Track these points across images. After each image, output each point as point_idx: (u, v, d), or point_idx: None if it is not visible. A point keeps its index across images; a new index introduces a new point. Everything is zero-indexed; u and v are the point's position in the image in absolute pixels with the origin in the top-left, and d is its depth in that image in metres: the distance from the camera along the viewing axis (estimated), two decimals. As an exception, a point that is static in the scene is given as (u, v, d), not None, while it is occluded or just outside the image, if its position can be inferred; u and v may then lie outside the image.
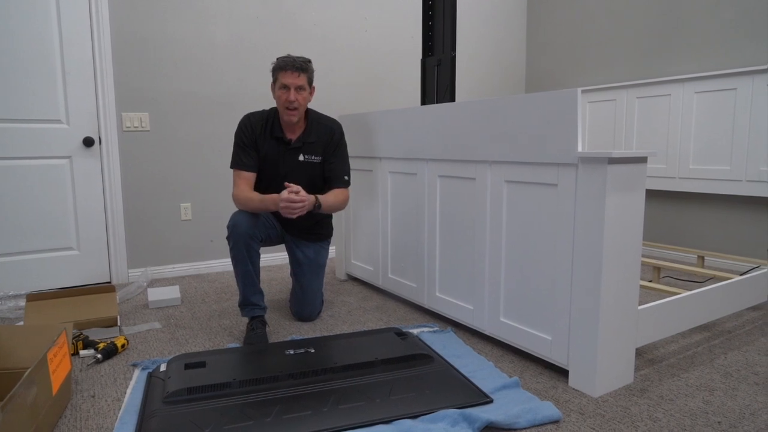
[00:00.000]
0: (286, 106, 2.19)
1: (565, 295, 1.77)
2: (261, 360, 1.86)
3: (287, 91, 2.17)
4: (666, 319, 1.94)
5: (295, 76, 2.16)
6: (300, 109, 2.21)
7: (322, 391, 1.67)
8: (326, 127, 2.36)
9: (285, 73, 2.17)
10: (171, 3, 3.13)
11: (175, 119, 3.23)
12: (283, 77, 2.17)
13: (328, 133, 2.35)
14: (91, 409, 1.64)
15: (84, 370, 1.94)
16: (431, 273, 2.42)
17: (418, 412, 1.56)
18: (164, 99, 3.18)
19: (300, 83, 2.17)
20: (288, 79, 2.16)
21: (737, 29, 3.22)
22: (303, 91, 2.20)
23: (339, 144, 2.37)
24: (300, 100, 2.19)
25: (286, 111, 2.20)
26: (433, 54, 2.63)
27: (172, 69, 3.18)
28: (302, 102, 2.20)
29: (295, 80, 2.16)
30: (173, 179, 3.26)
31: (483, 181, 2.08)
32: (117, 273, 3.16)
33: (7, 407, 1.19)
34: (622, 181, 1.65)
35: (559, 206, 1.77)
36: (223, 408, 1.56)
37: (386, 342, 2.01)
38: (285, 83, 2.17)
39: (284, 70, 2.17)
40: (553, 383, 1.80)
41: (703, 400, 1.67)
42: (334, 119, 2.41)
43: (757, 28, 3.12)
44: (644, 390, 1.75)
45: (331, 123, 2.38)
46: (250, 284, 2.18)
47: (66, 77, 2.92)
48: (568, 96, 1.68)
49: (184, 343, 2.20)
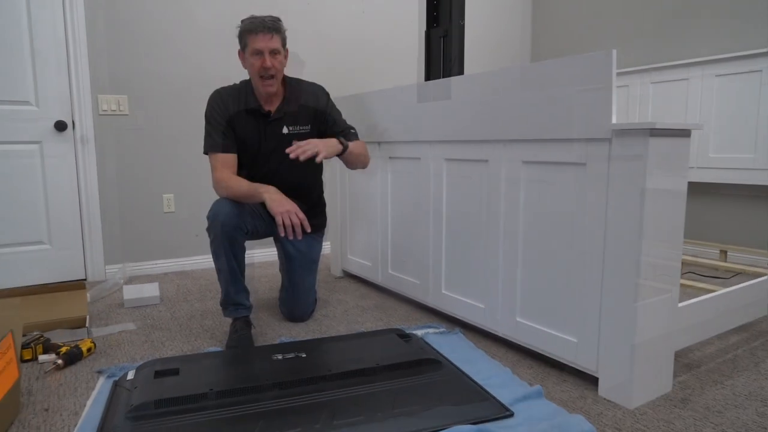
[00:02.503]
0: (261, 74, 1.92)
1: (594, 291, 1.54)
2: (244, 366, 1.61)
3: (261, 57, 1.90)
4: (707, 318, 1.71)
5: (268, 38, 1.89)
6: (277, 75, 1.95)
7: (313, 404, 1.42)
8: (309, 93, 2.10)
9: (256, 36, 1.89)
10: (151, -24, 2.88)
11: (156, 103, 2.97)
12: (254, 41, 1.89)
13: (313, 98, 2.09)
14: (41, 426, 1.40)
15: (41, 378, 1.68)
16: (437, 268, 2.17)
17: (427, 429, 1.32)
18: (144, 81, 2.93)
19: (274, 46, 1.90)
20: (260, 42, 1.89)
21: (760, 6, 2.99)
22: (278, 55, 1.93)
23: (331, 106, 2.13)
24: (276, 65, 1.92)
25: (262, 81, 1.93)
26: (438, 24, 2.38)
27: (152, 49, 2.93)
28: (279, 68, 1.94)
29: (268, 43, 1.89)
30: (155, 167, 3.00)
31: (497, 162, 1.84)
32: (93, 269, 2.90)
33: None
34: (665, 158, 1.41)
35: (588, 189, 1.53)
36: (195, 424, 1.32)
37: (387, 345, 1.77)
38: (257, 48, 1.89)
39: (254, 33, 1.89)
40: (581, 392, 1.56)
41: (757, 413, 1.44)
42: (315, 83, 2.15)
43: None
44: (686, 400, 1.51)
45: (314, 87, 2.13)
46: (233, 281, 1.93)
47: (35, 55, 2.66)
48: (604, 58, 1.44)
49: (159, 346, 1.95)
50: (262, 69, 1.90)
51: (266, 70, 1.90)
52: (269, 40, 1.89)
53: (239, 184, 1.92)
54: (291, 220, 1.81)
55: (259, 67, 1.90)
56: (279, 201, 1.84)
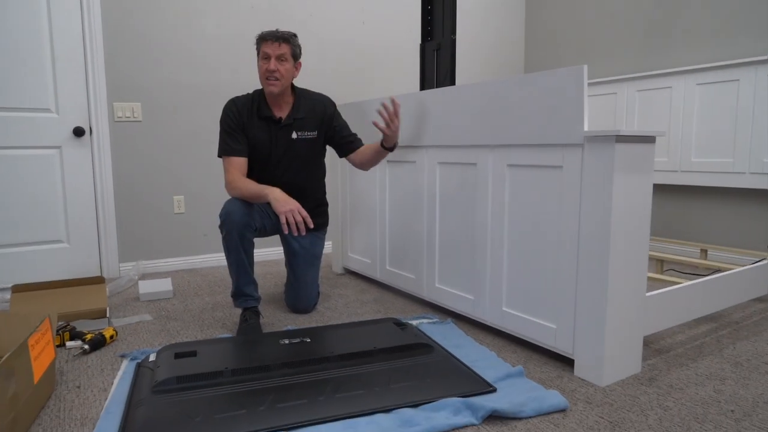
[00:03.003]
0: (266, 76, 2.12)
1: (570, 282, 1.71)
2: (254, 349, 1.79)
3: (267, 60, 2.11)
4: (674, 307, 1.88)
5: (276, 45, 2.10)
6: (282, 80, 2.13)
7: (318, 380, 1.60)
8: (317, 102, 2.30)
9: (266, 42, 2.11)
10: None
11: (167, 110, 3.16)
12: (264, 46, 2.12)
13: (320, 107, 2.29)
14: (75, 400, 1.57)
15: (70, 361, 1.86)
16: (431, 263, 2.35)
17: (419, 401, 1.49)
18: (156, 89, 3.11)
19: (281, 52, 2.11)
20: (268, 48, 2.11)
21: (739, 19, 3.17)
22: (285, 62, 2.13)
23: (338, 116, 2.34)
24: (282, 71, 2.12)
25: (267, 82, 2.13)
26: (432, 38, 2.57)
27: (163, 59, 3.11)
28: (284, 73, 2.13)
29: (275, 50, 2.10)
30: (166, 171, 3.19)
31: (484, 166, 2.01)
32: (108, 267, 3.08)
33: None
34: (630, 161, 1.59)
35: (564, 189, 1.71)
36: (214, 397, 1.49)
37: (384, 332, 1.94)
38: (266, 52, 2.11)
39: (265, 41, 2.12)
40: (558, 373, 1.73)
41: (715, 389, 1.61)
42: (323, 94, 2.35)
43: (760, 18, 3.08)
44: (653, 379, 1.68)
45: (322, 98, 2.32)
46: (243, 274, 2.10)
47: (56, 65, 2.85)
48: (575, 73, 1.62)
49: (175, 334, 2.12)
50: (267, 71, 2.10)
51: (270, 72, 2.10)
52: (277, 48, 2.10)
53: (248, 185, 2.10)
54: (294, 218, 1.98)
55: (265, 69, 2.11)
56: (283, 201, 2.02)
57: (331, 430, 1.36)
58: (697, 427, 1.40)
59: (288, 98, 2.23)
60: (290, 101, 2.25)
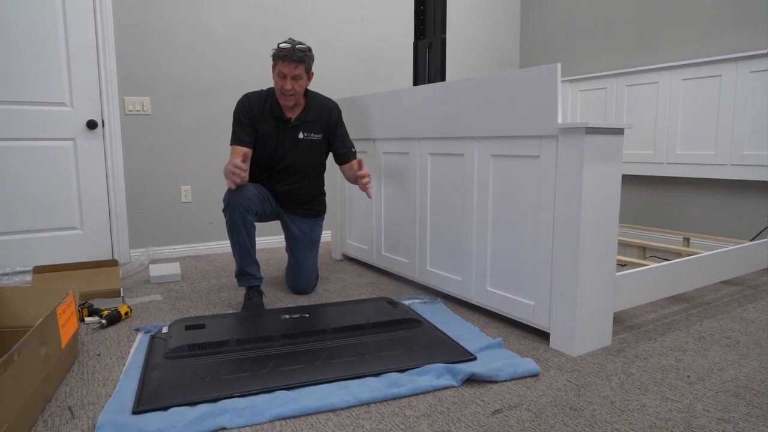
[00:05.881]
0: (282, 92, 2.30)
1: (546, 261, 1.87)
2: (258, 323, 1.96)
3: (284, 79, 2.27)
4: (643, 286, 2.04)
5: (293, 67, 2.25)
6: (296, 96, 2.32)
7: (315, 349, 1.76)
8: (324, 107, 2.46)
9: (283, 63, 2.25)
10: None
11: (175, 104, 3.32)
12: (281, 66, 2.26)
13: (327, 112, 2.46)
14: (97, 366, 1.74)
15: (89, 334, 2.03)
16: (422, 248, 2.51)
17: (406, 367, 1.65)
18: (165, 84, 3.27)
19: (297, 73, 2.26)
20: (285, 68, 2.25)
21: (721, 17, 3.31)
22: (300, 80, 2.29)
23: (339, 122, 2.52)
24: (296, 87, 2.29)
25: (283, 96, 2.31)
26: (424, 37, 2.72)
27: (172, 55, 3.27)
28: (298, 89, 2.31)
29: (292, 71, 2.25)
30: (174, 162, 3.35)
31: (471, 156, 2.17)
32: (119, 253, 3.25)
33: (22, 350, 1.28)
34: (600, 151, 1.74)
35: (541, 177, 1.86)
36: (221, 362, 1.66)
37: (377, 309, 2.11)
38: (282, 71, 2.26)
39: (283, 60, 2.25)
40: (535, 345, 1.90)
41: (675, 359, 1.77)
42: (331, 99, 2.51)
43: (741, 15, 3.21)
44: (621, 350, 1.85)
45: (329, 103, 2.49)
46: (246, 254, 2.27)
47: (70, 61, 3.01)
48: (549, 70, 1.77)
49: (184, 312, 2.29)
50: (283, 89, 2.28)
51: (286, 90, 2.28)
52: (294, 69, 2.25)
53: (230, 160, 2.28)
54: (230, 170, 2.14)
55: (281, 87, 2.28)
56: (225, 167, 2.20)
57: (326, 389, 1.53)
58: (654, 389, 1.56)
59: (300, 101, 2.40)
60: (301, 103, 2.42)
